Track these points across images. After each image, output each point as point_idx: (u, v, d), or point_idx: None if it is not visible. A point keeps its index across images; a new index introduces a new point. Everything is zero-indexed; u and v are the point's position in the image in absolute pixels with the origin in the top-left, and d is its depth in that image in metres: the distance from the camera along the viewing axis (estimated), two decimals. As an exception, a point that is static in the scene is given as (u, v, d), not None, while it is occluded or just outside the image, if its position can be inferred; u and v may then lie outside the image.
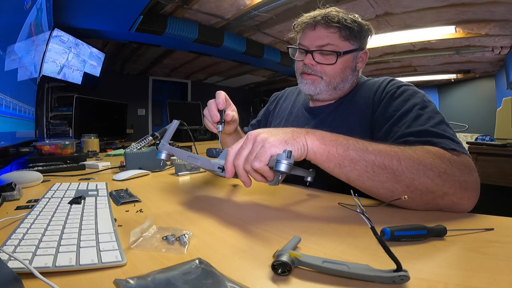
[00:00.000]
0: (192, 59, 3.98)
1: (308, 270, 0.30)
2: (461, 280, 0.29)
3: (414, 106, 0.62)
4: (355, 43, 0.72)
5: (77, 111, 2.16)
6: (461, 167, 0.50)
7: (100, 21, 2.47)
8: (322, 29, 0.71)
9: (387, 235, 0.37)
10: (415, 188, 0.47)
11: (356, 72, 0.77)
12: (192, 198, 0.63)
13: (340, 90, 0.76)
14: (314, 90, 0.75)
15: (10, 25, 0.98)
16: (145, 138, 1.11)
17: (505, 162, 1.76)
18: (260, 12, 2.64)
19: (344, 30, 0.70)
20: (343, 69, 0.73)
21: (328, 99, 0.79)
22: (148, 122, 4.90)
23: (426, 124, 0.57)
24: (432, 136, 0.55)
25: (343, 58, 0.71)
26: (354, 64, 0.75)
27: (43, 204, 0.51)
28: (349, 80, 0.75)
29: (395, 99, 0.66)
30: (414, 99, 0.63)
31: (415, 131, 0.57)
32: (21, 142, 1.09)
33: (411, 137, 0.56)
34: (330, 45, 0.70)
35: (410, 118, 0.60)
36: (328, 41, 0.70)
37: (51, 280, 0.26)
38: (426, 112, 0.60)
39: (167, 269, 0.28)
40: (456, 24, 2.81)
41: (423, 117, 0.59)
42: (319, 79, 0.74)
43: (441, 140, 0.53)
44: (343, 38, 0.70)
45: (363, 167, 0.47)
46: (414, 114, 0.60)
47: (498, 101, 3.91)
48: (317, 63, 0.72)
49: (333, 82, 0.74)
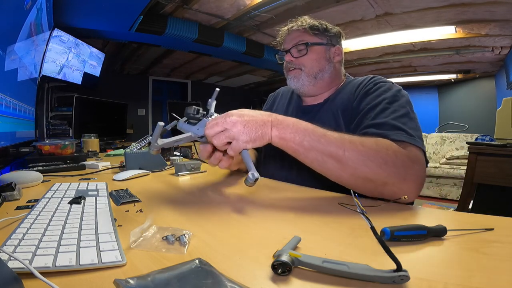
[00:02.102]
0: (192, 59, 3.98)
1: (308, 270, 0.30)
2: (461, 280, 0.29)
3: (383, 100, 0.68)
4: (323, 38, 0.83)
5: (77, 111, 2.16)
6: (404, 158, 0.55)
7: (100, 21, 2.47)
8: (295, 31, 0.84)
9: (387, 235, 0.37)
10: (357, 176, 0.54)
11: (332, 64, 0.84)
12: (192, 198, 0.63)
13: (321, 80, 0.83)
14: (297, 82, 0.84)
15: (10, 25, 0.97)
16: (145, 138, 1.12)
17: (505, 162, 1.76)
18: (260, 12, 2.64)
19: (311, 28, 0.82)
20: (318, 59, 0.82)
21: (314, 91, 0.85)
22: (148, 122, 4.90)
23: (388, 116, 0.64)
24: (388, 129, 0.61)
25: (313, 48, 0.82)
26: (328, 55, 0.84)
27: (43, 204, 0.51)
28: (327, 70, 0.83)
29: (369, 94, 0.72)
30: (386, 94, 0.70)
31: (376, 123, 0.64)
32: (21, 142, 1.09)
33: (371, 129, 0.63)
34: (301, 41, 0.82)
35: (377, 111, 0.66)
36: (299, 39, 0.82)
37: (51, 280, 0.26)
38: (393, 106, 0.66)
39: (167, 269, 0.28)
40: (456, 24, 2.81)
41: (389, 110, 0.65)
42: (299, 71, 0.83)
43: (394, 132, 0.59)
44: (311, 34, 0.82)
45: (314, 155, 0.55)
46: (381, 107, 0.66)
47: (498, 101, 3.91)
48: (295, 58, 0.83)
49: (312, 72, 0.82)
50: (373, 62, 4.16)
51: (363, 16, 2.68)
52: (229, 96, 6.00)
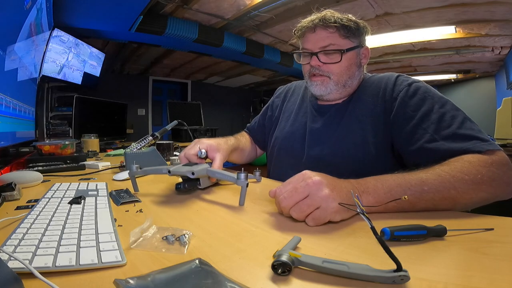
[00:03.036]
0: (192, 59, 3.98)
1: (308, 270, 0.30)
2: (461, 280, 0.29)
3: (433, 104, 0.63)
4: (355, 40, 0.74)
5: (77, 111, 2.16)
6: (501, 167, 0.52)
7: (100, 21, 2.47)
8: (322, 30, 0.73)
9: (387, 235, 0.37)
10: (473, 203, 0.52)
11: (361, 68, 0.78)
12: (192, 198, 0.63)
13: (349, 87, 0.77)
14: (324, 91, 0.76)
15: (10, 25, 0.97)
16: (145, 138, 1.11)
17: (505, 162, 1.75)
18: (260, 12, 2.64)
19: (343, 29, 0.72)
20: (349, 66, 0.74)
21: (338, 98, 0.79)
22: (148, 122, 4.90)
23: (452, 125, 0.59)
24: (463, 141, 0.56)
25: (347, 55, 0.73)
26: (358, 60, 0.76)
27: (43, 204, 0.51)
28: (356, 76, 0.77)
29: (411, 97, 0.66)
30: (431, 96, 0.65)
31: (444, 135, 0.58)
32: (21, 142, 1.08)
33: (441, 142, 0.58)
34: (332, 45, 0.72)
35: (434, 119, 0.61)
36: (329, 41, 0.72)
37: (51, 280, 0.26)
38: (447, 110, 0.62)
39: (167, 269, 0.28)
40: (456, 24, 2.81)
41: (447, 116, 0.61)
42: (328, 79, 0.75)
43: (474, 145, 0.55)
44: (343, 36, 0.72)
45: (423, 205, 0.49)
46: (437, 115, 0.61)
47: (498, 101, 3.91)
48: (323, 64, 0.74)
49: (341, 80, 0.75)
50: (373, 62, 4.16)
51: (363, 16, 2.66)
52: (229, 96, 6.01)
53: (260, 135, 1.03)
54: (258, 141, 1.04)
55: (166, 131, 1.18)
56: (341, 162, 0.71)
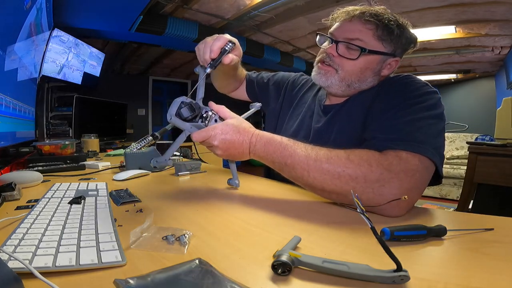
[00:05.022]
0: (192, 59, 3.98)
1: (308, 270, 0.30)
2: (461, 280, 0.29)
3: (404, 100, 0.59)
4: (388, 46, 0.66)
5: (77, 111, 2.16)
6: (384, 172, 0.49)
7: (100, 21, 2.47)
8: (359, 22, 0.65)
9: (387, 235, 0.37)
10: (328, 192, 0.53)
11: (378, 77, 0.69)
12: (192, 198, 0.63)
13: (354, 89, 0.70)
14: (324, 82, 0.70)
15: (10, 25, 0.97)
16: (145, 138, 1.11)
17: (505, 162, 1.75)
18: (260, 12, 2.64)
19: (382, 30, 0.64)
20: (363, 69, 0.67)
21: (341, 95, 0.74)
22: (148, 122, 4.90)
23: (400, 118, 0.56)
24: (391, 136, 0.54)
25: (367, 57, 0.65)
26: (378, 67, 0.68)
27: (43, 204, 0.51)
28: (368, 82, 0.69)
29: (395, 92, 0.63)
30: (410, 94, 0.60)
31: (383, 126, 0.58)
32: (21, 142, 1.08)
33: (377, 133, 0.57)
34: (358, 41, 0.65)
35: (393, 111, 0.58)
36: (358, 35, 0.65)
37: (51, 280, 0.26)
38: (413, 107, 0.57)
39: (167, 269, 0.28)
40: (456, 24, 2.81)
41: (405, 111, 0.57)
42: (333, 72, 0.69)
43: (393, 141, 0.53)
44: (377, 37, 0.65)
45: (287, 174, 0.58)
46: (399, 108, 0.58)
47: (498, 101, 3.91)
48: (338, 55, 0.67)
49: (348, 79, 0.68)
50: (373, 62, 4.16)
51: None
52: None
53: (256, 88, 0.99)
54: (250, 91, 1.01)
55: (166, 131, 1.18)
56: None
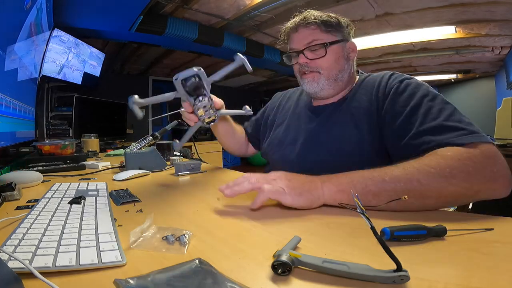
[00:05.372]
0: (192, 59, 3.98)
1: (308, 270, 0.30)
2: (461, 280, 0.29)
3: (423, 99, 0.61)
4: (338, 34, 0.75)
5: (77, 111, 2.16)
6: (483, 160, 0.50)
7: (100, 21, 2.47)
8: (304, 29, 0.75)
9: (387, 235, 0.37)
10: (446, 197, 0.49)
11: (350, 62, 0.78)
12: (192, 198, 0.63)
13: (341, 81, 0.77)
14: (316, 87, 0.76)
15: (10, 25, 0.97)
16: (145, 138, 1.11)
17: (505, 162, 1.75)
18: (260, 12, 2.64)
19: (323, 25, 0.74)
20: (336, 59, 0.75)
21: (332, 94, 0.79)
22: (148, 122, 4.89)
23: (438, 117, 0.57)
24: (446, 133, 0.54)
25: (331, 48, 0.74)
26: (345, 54, 0.77)
27: (43, 204, 0.51)
28: (346, 69, 0.77)
29: (400, 94, 0.65)
30: (420, 91, 0.63)
31: (429, 128, 0.57)
32: (21, 142, 1.08)
33: (427, 136, 0.56)
34: (315, 41, 0.74)
35: (421, 113, 0.59)
36: (312, 37, 0.74)
37: (51, 280, 0.26)
38: (435, 104, 0.60)
39: (167, 269, 0.28)
40: (456, 24, 2.81)
41: (434, 109, 0.59)
42: (318, 75, 0.76)
43: (457, 136, 0.53)
44: (325, 31, 0.74)
45: (387, 197, 0.48)
46: (424, 108, 0.60)
47: (498, 101, 3.91)
48: (310, 60, 0.75)
49: (332, 74, 0.75)
50: (373, 62, 4.16)
51: (363, 16, 2.68)
52: (229, 96, 6.00)
53: (254, 133, 1.03)
54: (252, 140, 1.04)
55: (166, 131, 1.18)
56: (337, 161, 0.70)
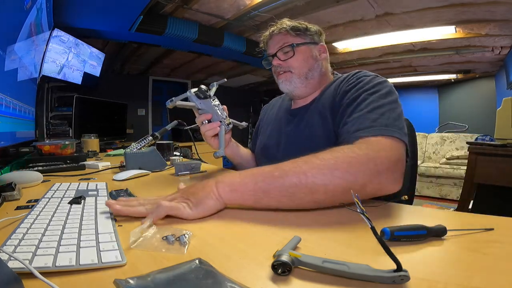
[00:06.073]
0: (192, 59, 3.98)
1: (308, 270, 0.30)
2: (461, 280, 0.29)
3: (363, 92, 0.67)
4: (306, 37, 0.83)
5: (77, 111, 2.16)
6: (369, 152, 0.51)
7: (100, 21, 2.47)
8: (277, 35, 0.84)
9: (387, 235, 0.37)
10: (332, 191, 0.48)
11: (320, 62, 0.84)
12: (192, 198, 0.63)
13: (312, 79, 0.83)
14: (290, 85, 0.83)
15: (10, 25, 0.97)
16: (145, 138, 1.11)
17: (505, 162, 1.75)
18: (260, 12, 2.64)
19: (292, 30, 0.82)
20: (305, 58, 0.82)
21: (306, 93, 0.85)
22: (148, 122, 4.89)
23: (365, 109, 0.62)
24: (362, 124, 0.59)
25: (299, 49, 0.82)
26: (314, 54, 0.84)
27: (43, 204, 0.51)
28: (316, 68, 0.84)
29: (352, 86, 0.71)
30: (367, 86, 0.68)
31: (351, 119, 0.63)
32: (21, 142, 1.08)
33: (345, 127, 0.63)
34: (285, 43, 0.82)
35: (354, 105, 0.66)
36: (283, 41, 0.82)
37: (51, 280, 0.26)
38: (373, 98, 0.64)
39: (167, 269, 0.28)
40: (456, 24, 2.81)
41: (366, 102, 0.64)
42: (290, 74, 0.83)
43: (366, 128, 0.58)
44: (293, 35, 0.82)
45: (277, 193, 0.48)
46: (359, 100, 0.66)
47: (498, 101, 3.91)
48: (282, 61, 0.83)
49: (302, 72, 0.82)
50: (373, 62, 4.15)
51: (363, 16, 2.68)
52: (229, 96, 5.99)
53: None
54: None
55: (166, 131, 1.18)
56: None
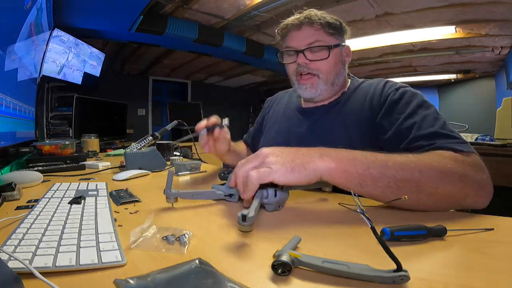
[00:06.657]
0: (192, 59, 3.98)
1: (308, 270, 0.30)
2: (461, 280, 0.29)
3: (418, 107, 0.63)
4: (339, 38, 0.75)
5: (77, 111, 2.16)
6: (474, 167, 0.51)
7: (100, 21, 2.47)
8: (308, 28, 0.72)
9: (387, 235, 0.37)
10: (439, 195, 0.48)
11: (345, 66, 0.78)
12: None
13: (337, 85, 0.77)
14: (315, 93, 0.75)
15: (10, 25, 0.97)
16: (145, 138, 1.11)
17: (505, 162, 1.76)
18: (260, 12, 2.64)
19: (328, 27, 0.72)
20: (336, 63, 0.74)
21: (326, 98, 0.78)
22: (148, 122, 4.90)
23: (434, 125, 0.59)
24: (442, 138, 0.56)
25: (334, 51, 0.73)
26: (343, 58, 0.77)
27: (43, 204, 0.51)
28: (342, 74, 0.77)
29: (397, 101, 0.66)
30: (416, 100, 0.65)
31: (425, 133, 0.58)
32: (21, 142, 1.08)
33: (422, 141, 0.57)
34: (318, 41, 0.72)
35: (417, 120, 0.61)
36: (316, 38, 0.72)
37: (51, 280, 0.26)
38: (430, 113, 0.62)
39: (167, 269, 0.28)
40: (456, 24, 2.82)
41: (429, 118, 0.61)
42: (317, 79, 0.74)
43: (451, 143, 0.55)
44: (328, 33, 0.72)
45: (385, 183, 0.46)
46: (420, 116, 0.61)
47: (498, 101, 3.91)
48: (310, 61, 0.73)
49: (330, 78, 0.74)
50: (373, 62, 4.16)
51: (363, 16, 2.68)
52: (229, 96, 6.01)
53: (253, 142, 1.04)
54: (252, 149, 1.04)
55: (166, 131, 1.18)
56: None
